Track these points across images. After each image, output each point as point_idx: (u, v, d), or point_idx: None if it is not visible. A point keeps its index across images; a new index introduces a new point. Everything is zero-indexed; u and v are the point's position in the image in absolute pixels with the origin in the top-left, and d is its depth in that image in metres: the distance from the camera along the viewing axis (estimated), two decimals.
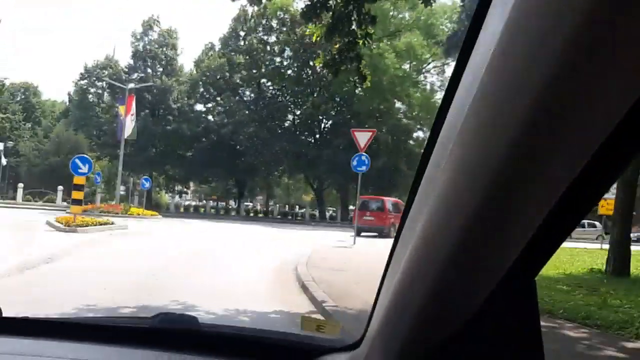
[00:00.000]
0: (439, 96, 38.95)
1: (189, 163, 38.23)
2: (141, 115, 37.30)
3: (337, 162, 34.39)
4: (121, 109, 28.91)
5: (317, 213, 39.02)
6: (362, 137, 17.49)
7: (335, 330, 1.32)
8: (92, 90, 42.78)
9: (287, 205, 46.36)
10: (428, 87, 39.90)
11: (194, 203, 46.26)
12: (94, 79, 41.64)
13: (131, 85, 31.37)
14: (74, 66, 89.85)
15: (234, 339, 1.30)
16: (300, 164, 37.56)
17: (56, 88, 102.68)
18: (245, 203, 43.58)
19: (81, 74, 42.65)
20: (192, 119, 38.28)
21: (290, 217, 39.06)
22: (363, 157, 17.36)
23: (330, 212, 41.57)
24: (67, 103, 49.89)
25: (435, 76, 40.33)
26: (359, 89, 35.99)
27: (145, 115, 37.69)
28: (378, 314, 0.87)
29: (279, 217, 38.40)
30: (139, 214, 27.72)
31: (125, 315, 2.13)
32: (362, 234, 21.69)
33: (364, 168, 17.33)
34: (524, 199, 0.55)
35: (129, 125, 28.25)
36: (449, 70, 39.16)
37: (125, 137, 28.30)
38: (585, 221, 32.89)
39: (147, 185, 29.17)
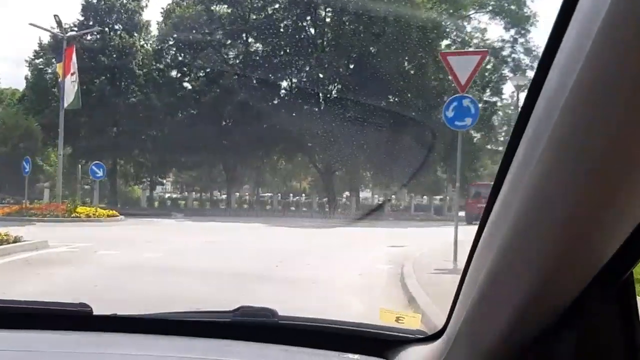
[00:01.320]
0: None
1: (162, 145, 29.60)
2: (95, 84, 28.70)
3: (350, 138, 26.48)
4: (59, 68, 20.48)
5: (320, 202, 31.12)
6: (463, 65, 9.40)
7: (415, 322, 1.33)
8: (50, 70, 33.61)
9: (280, 194, 37.75)
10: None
11: (174, 195, 37.71)
12: (51, 56, 32.52)
13: (71, 33, 22.79)
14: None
15: (312, 331, 1.33)
16: (302, 142, 29.48)
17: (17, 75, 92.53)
18: (236, 193, 35.21)
19: (35, 51, 33.66)
20: (163, 86, 29.62)
21: (293, 209, 31.03)
22: (466, 102, 9.29)
23: (344, 200, 33.60)
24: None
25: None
26: (379, 42, 28.04)
27: (100, 83, 29.07)
28: (462, 306, 0.87)
29: (279, 208, 30.27)
30: (89, 216, 19.47)
31: (207, 310, 1.49)
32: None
33: (468, 121, 9.28)
34: (621, 196, 0.55)
35: (70, 90, 19.81)
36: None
37: (66, 105, 19.89)
38: None
39: (100, 173, 20.70)
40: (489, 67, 32.16)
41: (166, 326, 1.32)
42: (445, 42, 30.77)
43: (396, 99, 30.17)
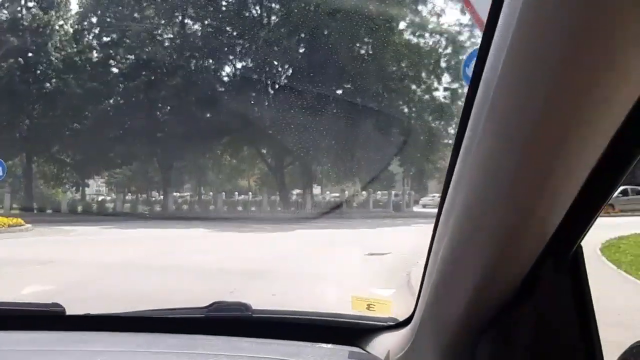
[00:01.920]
0: None
1: (86, 140, 25.47)
2: (2, 69, 24.31)
3: (302, 129, 23.56)
4: None
5: (270, 201, 28.00)
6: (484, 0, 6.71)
7: (386, 309, 1.38)
8: None
9: (224, 193, 33.97)
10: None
11: (101, 198, 33.31)
12: None
13: None
14: None
15: (286, 323, 1.36)
16: (249, 134, 26.23)
17: None
18: (173, 193, 31.29)
19: None
20: (84, 71, 25.48)
21: (240, 209, 27.68)
22: None
23: (294, 197, 30.52)
24: None
25: None
26: (333, 21, 25.18)
27: (9, 68, 24.65)
28: (426, 292, 0.89)
29: (225, 209, 26.80)
30: None
31: (181, 307, 1.47)
32: None
33: None
34: (558, 165, 0.58)
35: None
36: None
37: None
38: (629, 187, 25.45)
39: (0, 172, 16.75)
40: (448, 51, 30.08)
41: (139, 323, 1.33)
42: (402, 24, 28.25)
43: (352, 86, 27.44)
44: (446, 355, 0.86)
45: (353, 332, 1.30)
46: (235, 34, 27.18)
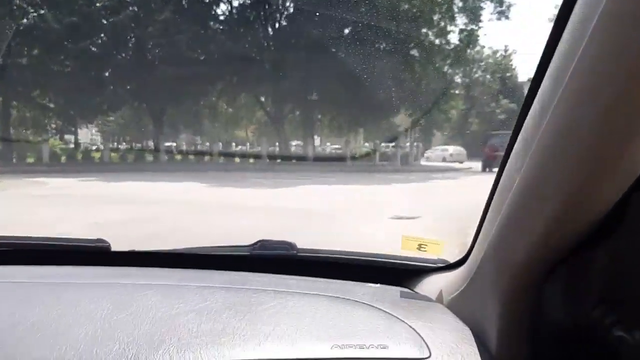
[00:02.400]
0: None
1: (69, 83, 23.14)
2: None
3: (309, 72, 21.36)
4: None
5: (270, 153, 25.97)
6: None
7: (438, 249, 1.34)
8: None
9: (221, 144, 31.80)
10: None
11: (88, 147, 31.15)
12: None
13: None
14: None
15: (332, 262, 1.35)
16: (248, 78, 23.93)
17: None
18: (167, 143, 29.16)
19: None
20: (62, 3, 22.75)
21: (238, 161, 25.69)
22: None
23: (293, 149, 28.48)
24: None
25: None
26: None
27: None
28: (487, 232, 0.90)
29: (221, 161, 24.78)
30: None
31: (226, 245, 1.44)
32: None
33: None
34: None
35: None
36: None
37: None
38: None
39: None
40: None
41: (184, 260, 1.35)
42: None
43: (358, 27, 24.94)
44: (508, 296, 0.86)
45: (401, 272, 1.32)
46: None
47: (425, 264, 1.30)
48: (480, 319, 0.97)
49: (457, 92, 30.57)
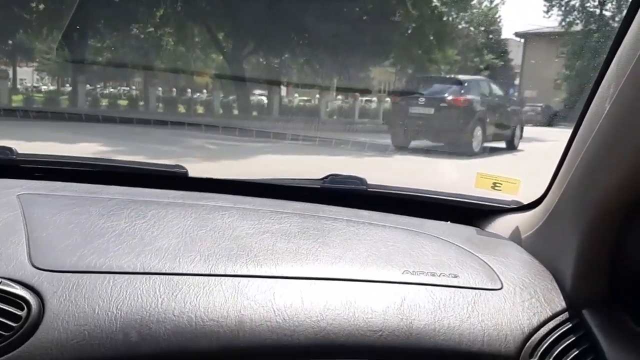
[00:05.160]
0: None
1: None
2: None
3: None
4: None
5: (225, 103, 20.64)
6: None
7: (513, 188, 1.29)
8: None
9: (160, 89, 25.40)
10: None
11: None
12: None
13: None
14: None
15: (401, 199, 1.36)
16: (197, 3, 18.28)
17: None
18: (89, 86, 23.04)
19: None
20: None
21: (184, 112, 20.13)
22: None
23: (255, 101, 23.06)
24: None
25: None
26: None
27: None
28: (567, 172, 0.93)
29: (159, 112, 19.10)
30: None
31: (297, 177, 1.47)
32: None
33: None
34: None
35: None
36: None
37: None
38: None
39: None
40: None
41: (258, 188, 1.39)
42: None
43: None
44: (587, 236, 0.86)
45: (471, 212, 1.31)
46: None
47: (496, 205, 1.30)
48: (556, 259, 0.98)
49: (453, 40, 25.68)
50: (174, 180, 1.39)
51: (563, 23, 25.43)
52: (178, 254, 0.93)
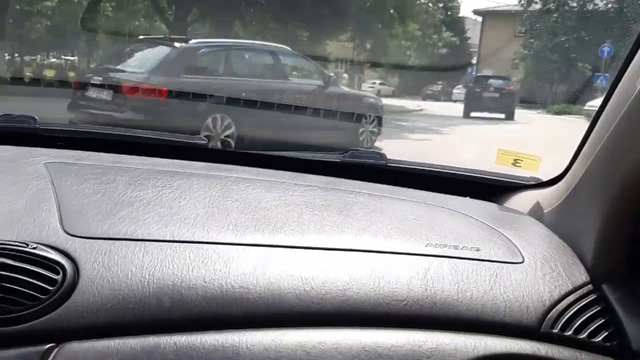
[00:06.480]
0: None
1: None
2: None
3: None
4: None
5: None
6: None
7: (534, 165, 1.30)
8: None
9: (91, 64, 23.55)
10: None
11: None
12: None
13: None
14: None
15: (421, 174, 1.38)
16: None
17: None
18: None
19: None
20: None
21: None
22: None
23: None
24: None
25: None
26: None
27: None
28: (591, 148, 0.93)
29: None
30: None
31: (317, 152, 1.56)
32: None
33: None
34: None
35: None
36: None
37: None
38: None
39: None
40: None
41: (279, 161, 1.39)
42: None
43: None
44: (610, 212, 0.88)
45: (491, 188, 1.32)
46: None
47: (516, 181, 1.31)
48: (577, 234, 0.99)
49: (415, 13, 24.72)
50: (193, 151, 1.40)
51: (522, 1, 24.93)
52: (206, 224, 0.96)
